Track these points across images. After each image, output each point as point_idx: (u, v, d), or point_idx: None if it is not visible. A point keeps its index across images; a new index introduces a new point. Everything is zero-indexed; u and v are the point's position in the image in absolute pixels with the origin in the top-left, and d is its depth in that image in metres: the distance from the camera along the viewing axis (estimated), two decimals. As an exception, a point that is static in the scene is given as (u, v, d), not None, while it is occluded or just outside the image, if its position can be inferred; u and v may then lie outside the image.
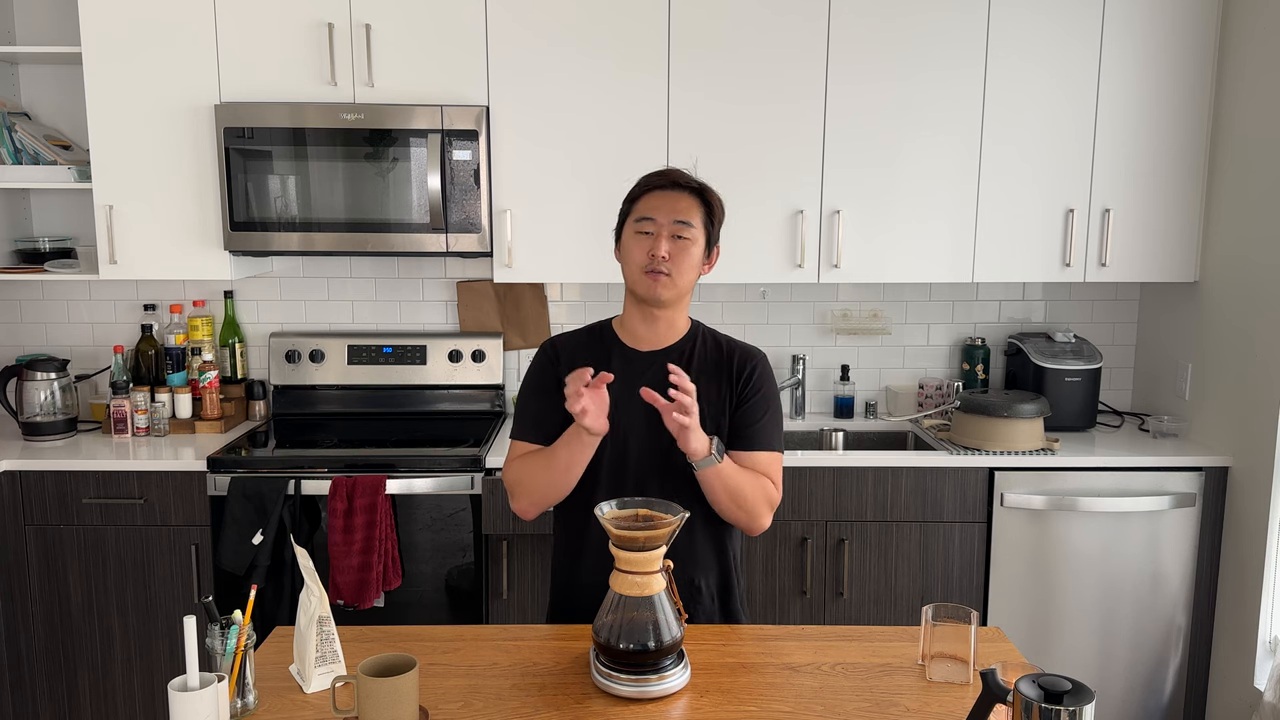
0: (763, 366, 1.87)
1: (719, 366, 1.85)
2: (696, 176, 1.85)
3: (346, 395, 3.28)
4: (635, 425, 1.79)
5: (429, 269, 3.34)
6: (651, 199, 1.81)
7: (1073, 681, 1.21)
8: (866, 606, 2.89)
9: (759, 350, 1.90)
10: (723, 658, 1.63)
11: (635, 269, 1.79)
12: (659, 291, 1.78)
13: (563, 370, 1.80)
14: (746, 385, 1.84)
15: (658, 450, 1.79)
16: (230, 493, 2.71)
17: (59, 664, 2.84)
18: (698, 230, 1.80)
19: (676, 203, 1.79)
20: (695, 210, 1.80)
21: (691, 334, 1.89)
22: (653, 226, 1.78)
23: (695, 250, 1.80)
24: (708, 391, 1.82)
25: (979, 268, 3.01)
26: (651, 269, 1.77)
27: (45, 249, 3.16)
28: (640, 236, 1.79)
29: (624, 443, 1.80)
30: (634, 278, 1.80)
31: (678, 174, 1.83)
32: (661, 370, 1.77)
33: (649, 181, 1.83)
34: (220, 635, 1.44)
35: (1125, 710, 2.94)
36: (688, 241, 1.78)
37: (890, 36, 2.90)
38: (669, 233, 1.77)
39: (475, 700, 1.49)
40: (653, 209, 1.79)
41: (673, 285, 1.79)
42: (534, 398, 1.87)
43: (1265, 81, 2.74)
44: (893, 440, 3.24)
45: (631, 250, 1.80)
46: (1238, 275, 2.86)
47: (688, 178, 1.83)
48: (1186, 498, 2.86)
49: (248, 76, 2.86)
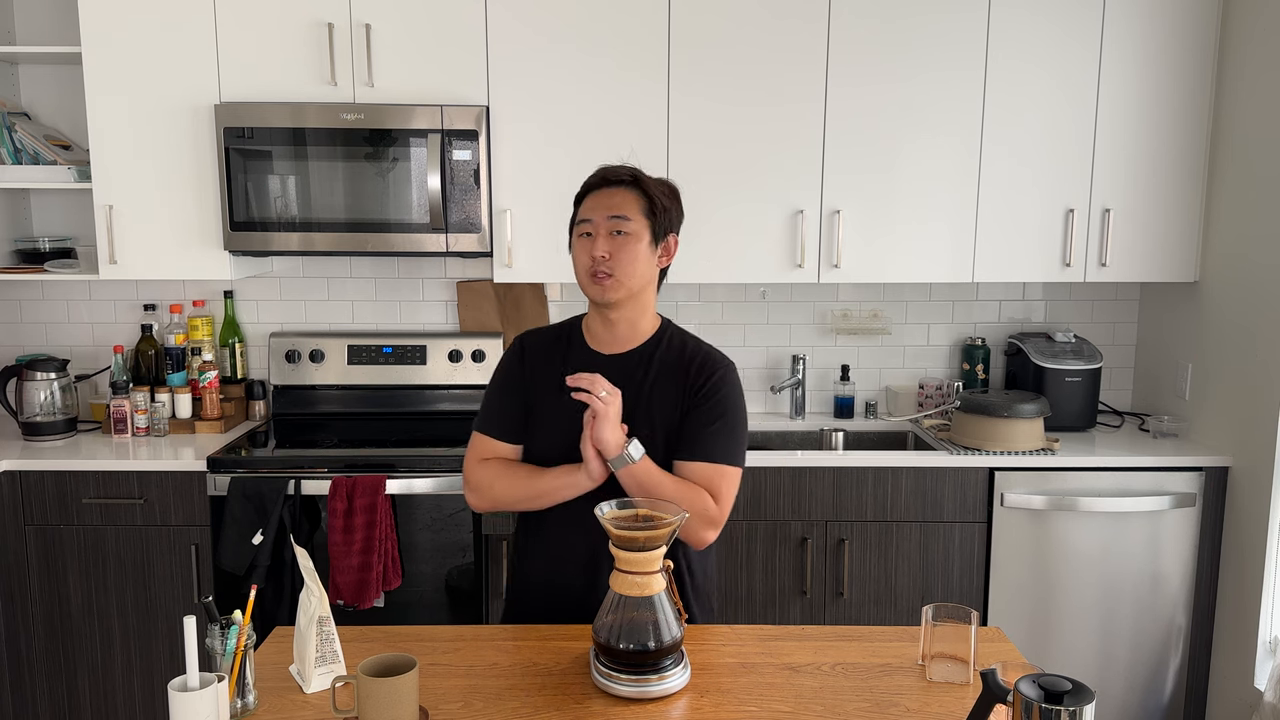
0: (724, 374, 1.77)
1: (675, 370, 1.78)
2: (631, 166, 1.80)
3: (346, 395, 3.28)
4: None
5: (429, 269, 3.34)
6: (588, 200, 1.78)
7: (1073, 681, 1.21)
8: (866, 606, 2.89)
9: (727, 359, 1.81)
10: (723, 658, 1.63)
11: (581, 273, 1.76)
12: (606, 294, 1.74)
13: (528, 369, 1.81)
14: (699, 391, 1.75)
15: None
16: (230, 493, 2.71)
17: (59, 664, 2.84)
18: (637, 223, 1.73)
19: (610, 199, 1.75)
20: (631, 203, 1.74)
21: (657, 336, 1.82)
22: (591, 228, 1.74)
23: (638, 245, 1.73)
24: (662, 395, 1.76)
25: (979, 268, 3.01)
26: (594, 270, 1.73)
27: (45, 249, 3.16)
28: (582, 239, 1.76)
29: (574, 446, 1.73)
30: (582, 282, 1.77)
31: (610, 169, 1.79)
32: (619, 372, 1.74)
33: (589, 184, 1.79)
34: (220, 635, 1.44)
35: (1125, 710, 2.94)
36: (627, 236, 1.72)
37: (890, 37, 2.90)
38: (606, 230, 1.73)
39: (475, 700, 1.49)
40: (589, 210, 1.76)
41: (619, 285, 1.73)
42: (500, 393, 1.84)
43: (1265, 81, 2.74)
44: (893, 440, 3.24)
45: (576, 255, 1.78)
46: (1238, 275, 2.86)
47: (620, 170, 1.78)
48: (1186, 498, 2.86)
49: (248, 76, 2.86)
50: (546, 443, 1.79)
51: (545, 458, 1.79)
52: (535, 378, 1.82)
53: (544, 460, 1.78)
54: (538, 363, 1.82)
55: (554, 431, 1.77)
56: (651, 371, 1.78)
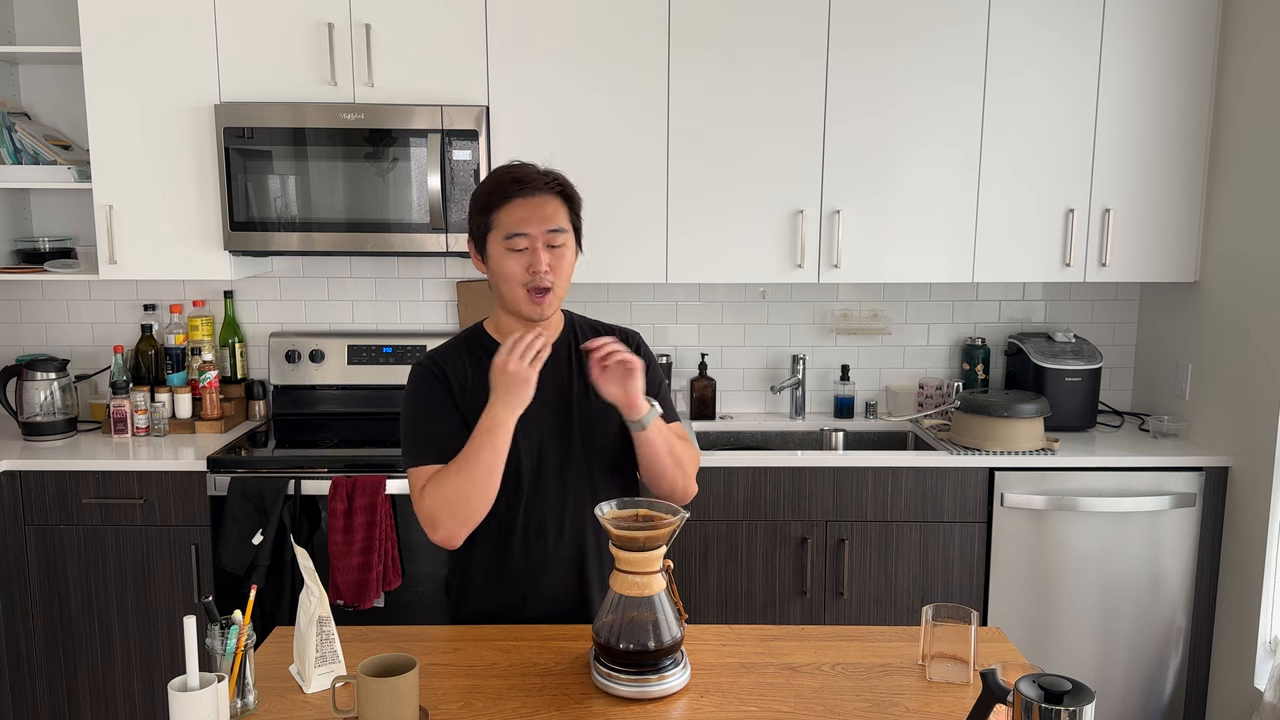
0: (644, 347, 1.85)
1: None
2: (550, 171, 1.73)
3: (346, 395, 3.28)
4: (545, 429, 1.74)
5: (429, 269, 3.34)
6: (515, 210, 1.66)
7: (1073, 681, 1.21)
8: (866, 606, 2.89)
9: (635, 331, 1.88)
10: (723, 658, 1.63)
11: (515, 288, 1.68)
12: (545, 311, 1.69)
13: (454, 385, 1.72)
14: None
15: (578, 454, 1.75)
16: (230, 493, 2.71)
17: (59, 664, 2.84)
18: (568, 232, 1.70)
19: (542, 210, 1.67)
20: (562, 212, 1.70)
21: (568, 326, 1.82)
22: (526, 241, 1.66)
23: (570, 253, 1.71)
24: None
25: (979, 268, 3.01)
26: (535, 286, 1.66)
27: (45, 249, 3.16)
28: (514, 254, 1.67)
29: (539, 442, 1.73)
30: (516, 298, 1.69)
31: (534, 174, 1.70)
32: (556, 369, 1.74)
33: (508, 190, 1.68)
34: (220, 635, 1.44)
35: (1125, 710, 2.94)
36: (562, 248, 1.69)
37: (891, 38, 2.90)
38: (544, 243, 1.67)
39: (475, 700, 1.49)
40: (521, 222, 1.66)
41: (555, 298, 1.71)
42: (429, 419, 1.72)
43: (1265, 81, 2.74)
44: (893, 440, 3.24)
45: (507, 268, 1.67)
46: (1238, 275, 2.86)
47: (547, 178, 1.71)
48: (1186, 498, 2.86)
49: (248, 76, 2.86)
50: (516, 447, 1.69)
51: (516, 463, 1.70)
52: (472, 394, 1.72)
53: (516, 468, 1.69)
54: (467, 379, 1.73)
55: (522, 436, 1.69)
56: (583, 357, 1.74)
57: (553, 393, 1.75)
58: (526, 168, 1.72)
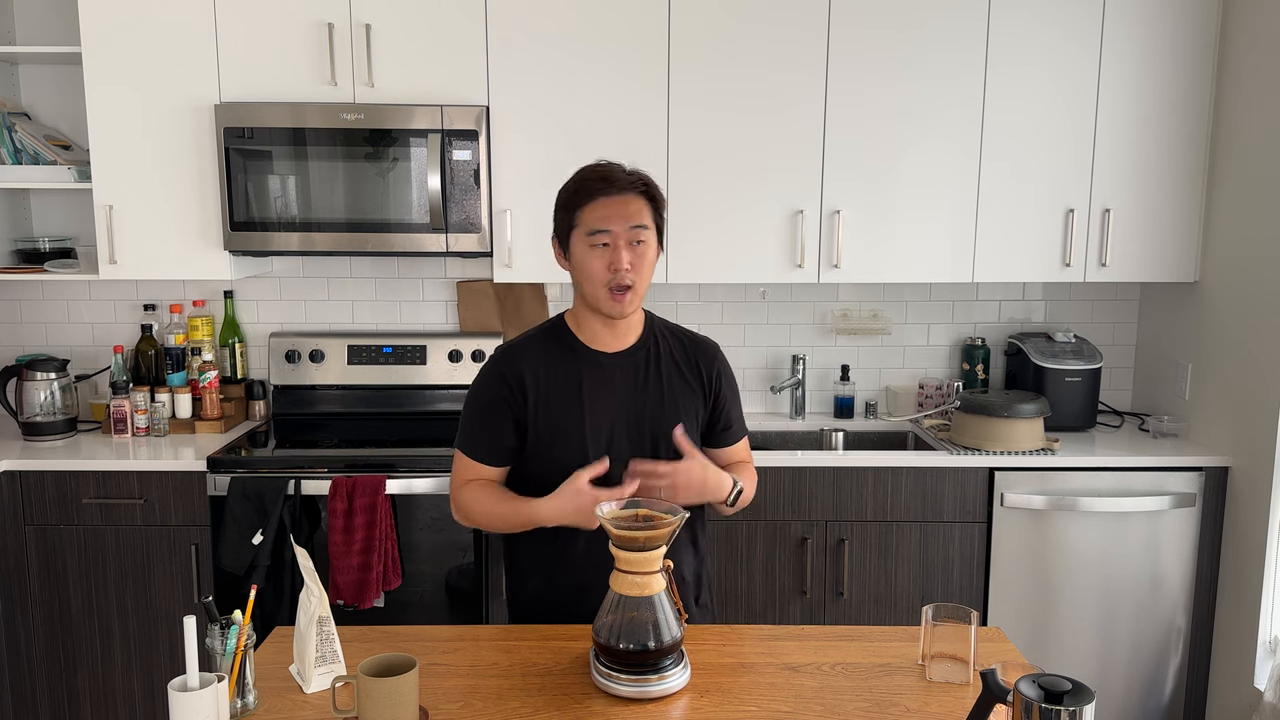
0: (722, 358, 1.89)
1: (689, 362, 1.84)
2: (631, 168, 1.75)
3: (346, 395, 3.28)
4: (617, 431, 1.77)
5: (429, 269, 3.34)
6: (600, 207, 1.70)
7: (1073, 681, 1.21)
8: (866, 606, 2.89)
9: (713, 341, 1.91)
10: (723, 658, 1.63)
11: (597, 286, 1.71)
12: (625, 309, 1.72)
13: (527, 381, 1.75)
14: (718, 382, 1.86)
15: (640, 441, 1.77)
16: (230, 493, 2.71)
17: (59, 664, 2.84)
18: (651, 230, 1.73)
19: (626, 208, 1.70)
20: (646, 210, 1.72)
21: (649, 328, 1.84)
22: (609, 239, 1.69)
23: (652, 251, 1.74)
24: (684, 385, 1.82)
25: (979, 268, 3.01)
26: (616, 284, 1.69)
27: (45, 249, 3.16)
28: (597, 249, 1.70)
29: (611, 450, 1.75)
30: (597, 295, 1.72)
31: (620, 174, 1.72)
32: (629, 369, 1.78)
33: (592, 188, 1.71)
34: (220, 635, 1.44)
35: (1125, 710, 2.94)
36: (645, 245, 1.71)
37: (891, 37, 2.90)
38: (627, 241, 1.69)
39: (475, 700, 1.49)
40: (604, 219, 1.69)
41: (636, 296, 1.73)
42: (482, 417, 1.78)
43: (1265, 81, 2.74)
44: (893, 440, 3.24)
45: (590, 265, 1.70)
46: (1238, 275, 2.86)
47: (632, 177, 1.73)
48: (1186, 498, 2.86)
49: (248, 76, 2.86)
50: (566, 450, 1.74)
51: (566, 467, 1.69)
52: (545, 388, 1.76)
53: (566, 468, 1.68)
54: (531, 377, 1.77)
55: (573, 435, 1.74)
56: (663, 363, 1.81)
57: (626, 392, 1.78)
58: (612, 166, 1.74)
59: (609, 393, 1.77)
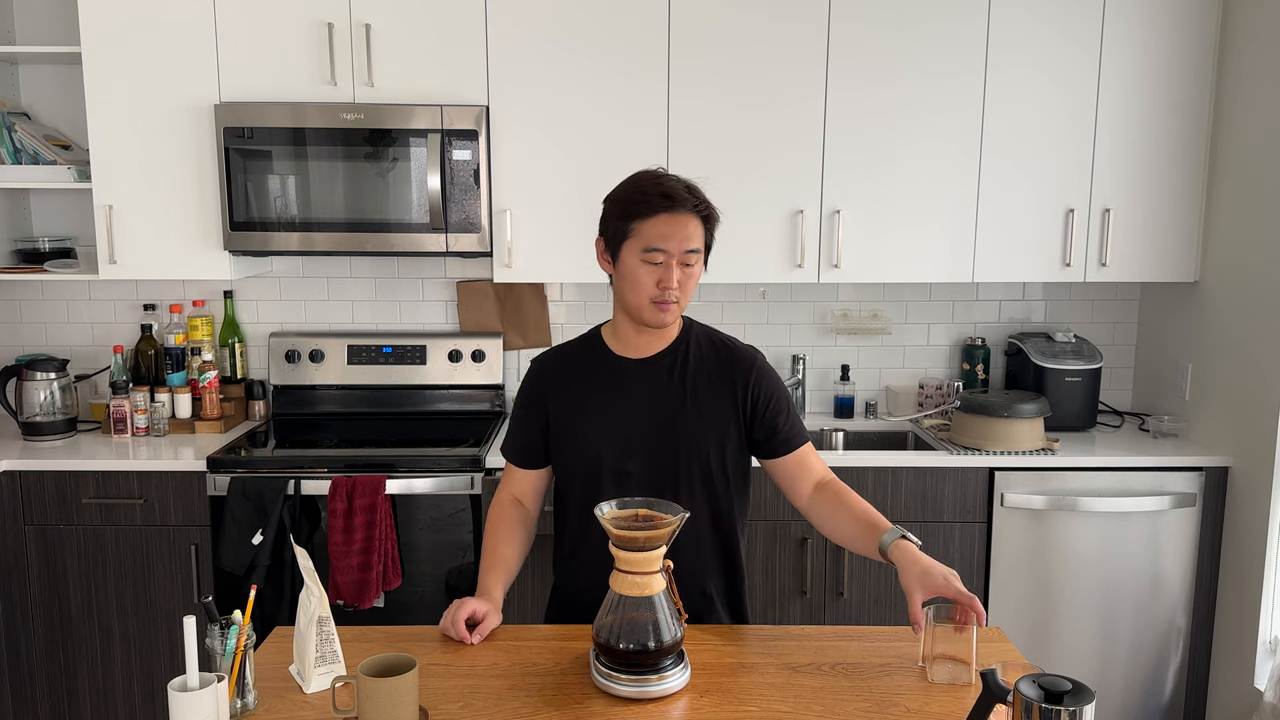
0: (762, 366, 1.83)
1: (721, 371, 1.81)
2: (693, 189, 1.73)
3: (346, 395, 3.28)
4: (637, 435, 1.77)
5: (429, 269, 3.34)
6: (659, 224, 1.68)
7: (1073, 681, 1.21)
8: (866, 606, 2.89)
9: (754, 350, 1.86)
10: (723, 658, 1.63)
11: (642, 298, 1.71)
12: (666, 320, 1.73)
13: (545, 390, 1.82)
14: (756, 390, 1.80)
15: (667, 465, 1.77)
16: (230, 493, 2.71)
17: (59, 664, 2.84)
18: (701, 252, 1.73)
19: (684, 229, 1.69)
20: (700, 233, 1.72)
21: (684, 334, 1.83)
22: (663, 257, 1.68)
23: (698, 271, 1.74)
24: (712, 394, 1.79)
25: (979, 268, 3.01)
26: (661, 300, 1.70)
27: (45, 249, 3.16)
28: (649, 266, 1.69)
29: (628, 456, 1.77)
30: (640, 306, 1.72)
31: (681, 192, 1.70)
32: (653, 375, 1.78)
33: (655, 204, 1.68)
34: (220, 635, 1.44)
35: (1125, 710, 2.94)
36: (694, 266, 1.72)
37: (891, 38, 2.90)
38: (679, 261, 1.69)
39: (475, 700, 1.49)
40: (662, 238, 1.68)
41: (678, 311, 1.75)
42: (516, 420, 1.87)
43: (1265, 81, 2.74)
44: (893, 440, 3.24)
45: (639, 278, 1.70)
46: (1238, 275, 2.86)
47: (694, 199, 1.71)
48: (1186, 498, 2.86)
49: (248, 76, 2.86)
50: (578, 453, 1.79)
51: (578, 469, 1.79)
52: (556, 396, 1.81)
53: (578, 471, 1.79)
54: (556, 381, 1.82)
55: (585, 438, 1.78)
56: (690, 370, 1.80)
57: (647, 397, 1.78)
58: (674, 183, 1.71)
59: (628, 397, 1.77)
